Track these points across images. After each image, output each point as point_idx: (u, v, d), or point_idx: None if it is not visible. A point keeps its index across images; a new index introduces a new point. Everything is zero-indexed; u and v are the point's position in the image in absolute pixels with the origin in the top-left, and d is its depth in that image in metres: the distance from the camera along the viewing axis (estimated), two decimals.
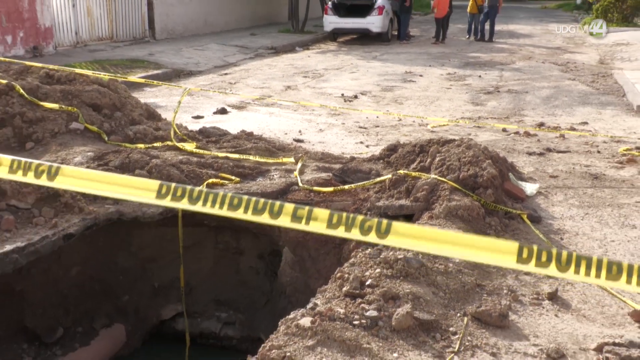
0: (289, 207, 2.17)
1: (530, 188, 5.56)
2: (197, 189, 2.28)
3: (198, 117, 9.18)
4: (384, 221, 2.05)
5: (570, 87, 12.11)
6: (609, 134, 7.88)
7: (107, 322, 5.57)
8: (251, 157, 6.17)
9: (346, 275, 3.62)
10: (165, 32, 19.88)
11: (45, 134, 6.21)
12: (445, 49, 19.43)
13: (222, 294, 6.00)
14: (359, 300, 3.36)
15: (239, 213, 2.21)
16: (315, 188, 5.35)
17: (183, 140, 6.62)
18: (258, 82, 12.96)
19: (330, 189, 5.32)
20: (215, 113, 9.55)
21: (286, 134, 8.17)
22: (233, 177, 5.58)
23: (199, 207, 2.26)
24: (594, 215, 5.06)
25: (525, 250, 1.92)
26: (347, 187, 5.33)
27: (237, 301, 5.97)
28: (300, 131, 8.38)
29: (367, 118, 9.25)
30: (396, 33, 22.27)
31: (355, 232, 2.09)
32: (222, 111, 9.64)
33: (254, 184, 5.50)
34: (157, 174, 5.37)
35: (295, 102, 10.11)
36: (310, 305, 3.37)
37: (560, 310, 3.54)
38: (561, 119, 9.27)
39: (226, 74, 14.26)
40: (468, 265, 3.85)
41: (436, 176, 4.92)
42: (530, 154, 6.97)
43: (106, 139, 6.45)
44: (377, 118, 9.25)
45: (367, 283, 3.52)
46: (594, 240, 4.56)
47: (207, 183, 5.36)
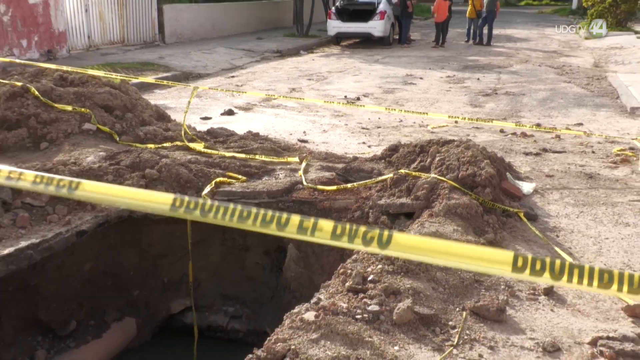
0: (295, 219, 2.17)
1: (527, 187, 5.55)
2: (209, 202, 2.30)
3: (206, 118, 9.19)
4: (385, 232, 2.06)
5: (566, 90, 12.08)
6: (603, 134, 7.86)
7: (119, 316, 5.59)
8: (257, 157, 6.18)
9: (349, 271, 3.62)
10: (175, 36, 19.90)
11: (59, 134, 6.23)
12: (445, 52, 19.40)
13: (229, 288, 6.00)
14: (361, 295, 3.36)
15: (248, 225, 2.22)
16: (319, 187, 5.35)
17: (192, 141, 6.63)
18: (264, 85, 12.96)
19: (334, 188, 5.32)
20: (222, 114, 9.56)
21: (291, 134, 8.17)
22: (240, 176, 5.58)
23: (210, 218, 2.27)
24: (588, 213, 5.05)
25: (520, 260, 1.93)
26: (349, 185, 5.33)
27: (243, 296, 5.98)
28: (304, 132, 8.38)
29: (369, 119, 9.25)
30: (397, 37, 22.24)
31: (357, 243, 2.10)
32: (229, 112, 9.65)
33: (260, 183, 5.49)
34: (166, 173, 5.37)
35: (300, 98, 10.11)
36: (314, 299, 3.37)
37: (556, 305, 3.53)
38: (557, 120, 9.25)
39: (233, 77, 14.27)
40: None
41: (436, 175, 4.92)
42: (527, 154, 6.96)
43: (117, 139, 6.46)
44: (379, 119, 9.24)
45: (369, 278, 3.52)
46: (588, 237, 4.55)
47: (215, 182, 5.35)
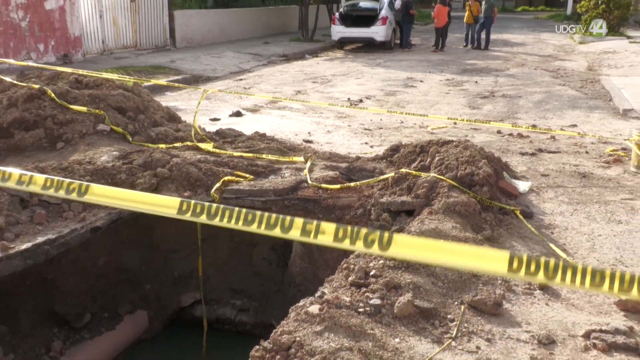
0: (298, 222, 2.17)
1: (523, 186, 5.54)
2: (215, 206, 2.30)
3: (215, 119, 9.19)
4: (386, 234, 2.06)
5: (561, 92, 12.04)
6: (596, 135, 7.84)
7: (131, 309, 5.60)
8: (264, 157, 6.18)
9: (352, 266, 3.62)
10: (185, 40, 19.91)
11: (75, 135, 6.24)
12: (444, 56, 19.37)
13: (237, 283, 6.01)
14: (364, 289, 3.36)
15: (253, 228, 2.22)
16: (324, 185, 5.35)
17: (201, 141, 6.63)
18: (271, 87, 12.96)
19: (337, 186, 5.31)
20: (230, 116, 9.56)
21: (296, 135, 8.17)
22: (247, 175, 5.58)
23: (216, 222, 2.28)
24: (582, 211, 5.04)
25: (515, 260, 1.93)
26: (352, 184, 5.32)
27: (250, 290, 5.98)
28: (309, 132, 8.38)
29: (371, 120, 9.24)
30: (398, 42, 22.22)
31: (359, 245, 2.10)
32: (237, 114, 9.65)
33: (266, 182, 5.50)
34: (177, 171, 5.38)
35: (306, 101, 10.11)
36: (318, 293, 3.37)
37: (551, 299, 3.53)
38: (552, 121, 9.22)
39: (241, 80, 14.27)
40: None
41: (436, 174, 4.91)
42: (523, 154, 6.94)
43: (130, 139, 6.47)
44: (381, 120, 9.23)
45: (371, 273, 3.52)
46: (582, 234, 4.54)
47: (224, 180, 5.36)
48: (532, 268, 1.90)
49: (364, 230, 2.10)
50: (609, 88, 12.10)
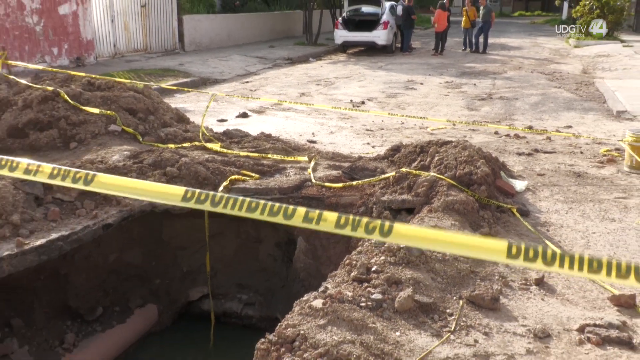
0: (301, 210, 2.15)
1: (519, 185, 5.53)
2: (219, 195, 2.28)
3: (222, 120, 9.20)
4: (387, 223, 2.04)
5: (556, 95, 12.01)
6: (591, 136, 7.82)
7: (141, 303, 5.61)
8: (269, 156, 6.18)
9: (354, 262, 3.62)
10: (194, 44, 19.93)
11: (87, 135, 6.25)
12: (444, 59, 19.34)
13: (244, 278, 6.01)
14: (366, 284, 3.36)
15: (256, 215, 2.20)
16: (327, 184, 5.35)
17: (209, 141, 6.64)
18: (276, 89, 12.96)
19: (340, 185, 5.32)
20: (237, 117, 9.56)
21: (301, 135, 8.17)
22: (253, 174, 5.58)
23: (220, 209, 2.25)
24: (577, 209, 5.03)
25: (514, 248, 1.91)
26: (355, 183, 5.32)
27: (256, 284, 5.99)
28: (313, 133, 8.38)
29: (373, 122, 9.23)
30: (399, 45, 22.19)
31: (360, 232, 2.08)
32: (244, 115, 9.66)
33: (272, 180, 5.50)
34: (185, 171, 5.39)
35: (310, 104, 10.11)
36: (321, 288, 3.37)
37: (547, 294, 3.52)
38: (548, 122, 9.20)
39: (247, 82, 14.28)
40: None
41: (435, 174, 4.91)
42: (519, 154, 6.93)
43: (141, 139, 6.48)
44: (382, 122, 9.22)
45: (373, 269, 3.52)
46: (577, 232, 4.54)
47: (230, 179, 5.36)
48: (531, 254, 1.89)
49: (365, 219, 2.08)
50: (603, 90, 12.07)
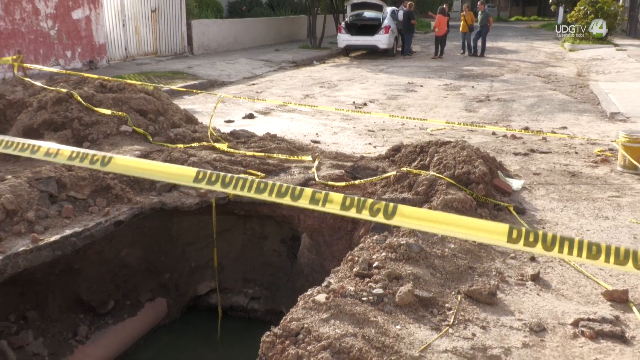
0: (307, 191, 2.14)
1: (516, 184, 5.52)
2: (229, 176, 2.27)
3: (229, 121, 9.20)
4: (391, 205, 2.03)
5: (552, 97, 11.98)
6: (585, 137, 7.80)
7: (151, 297, 5.62)
8: (275, 156, 6.18)
9: (356, 258, 3.62)
10: (202, 48, 19.94)
11: (99, 135, 6.26)
12: (443, 63, 19.31)
13: (249, 273, 6.02)
14: (367, 279, 3.36)
15: (264, 196, 2.18)
16: (330, 182, 5.35)
17: (217, 141, 6.64)
18: (281, 91, 12.96)
19: (343, 184, 5.31)
20: (244, 118, 9.56)
21: (305, 136, 8.17)
22: (259, 173, 5.59)
23: (230, 190, 2.25)
24: (571, 207, 5.02)
25: (514, 232, 1.90)
26: (357, 182, 5.32)
27: (262, 279, 5.99)
28: (317, 134, 8.37)
29: (374, 123, 9.23)
30: (400, 49, 22.17)
31: (365, 213, 2.06)
32: (250, 116, 9.66)
33: (277, 179, 5.50)
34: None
35: (314, 105, 10.10)
36: (325, 283, 3.38)
37: (542, 290, 3.51)
38: (543, 124, 9.18)
39: (253, 84, 14.27)
40: (462, 250, 3.84)
41: (434, 173, 4.90)
42: (516, 154, 6.92)
43: (151, 139, 6.49)
44: (384, 123, 9.21)
45: (374, 265, 3.51)
46: (571, 229, 4.52)
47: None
48: (531, 239, 1.88)
49: (370, 201, 2.07)
50: (597, 93, 12.03)
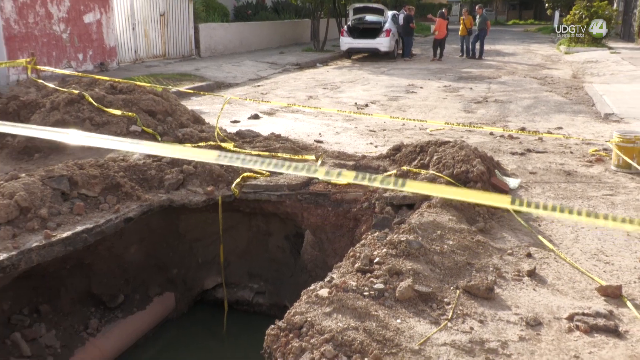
0: (322, 169, 2.24)
1: (513, 182, 5.51)
2: (249, 157, 2.34)
3: (235, 121, 9.20)
4: (400, 180, 2.07)
5: (548, 98, 11.95)
6: (580, 137, 7.77)
7: (160, 291, 5.63)
8: (279, 155, 6.18)
9: (358, 254, 3.62)
10: (209, 50, 19.94)
11: (110, 135, 6.27)
12: (442, 65, 19.27)
13: (255, 268, 6.02)
14: (369, 275, 3.35)
15: (283, 169, 2.31)
16: (333, 181, 5.34)
17: (223, 141, 6.65)
18: (285, 93, 12.95)
19: (345, 182, 5.31)
20: (249, 118, 9.55)
21: (308, 135, 8.16)
22: (264, 172, 5.58)
23: (250, 165, 2.37)
24: (567, 205, 5.00)
25: (517, 201, 1.93)
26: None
27: (266, 274, 6.00)
28: (320, 134, 8.36)
29: (376, 123, 9.21)
30: (401, 52, 22.15)
31: (376, 182, 2.14)
32: (255, 117, 9.65)
33: (281, 177, 5.50)
34: (201, 168, 5.39)
35: (317, 107, 10.10)
36: (327, 278, 3.37)
37: (538, 285, 3.51)
38: (539, 124, 9.15)
39: (259, 86, 14.27)
40: (460, 247, 3.83)
41: (434, 172, 4.89)
42: (513, 153, 6.90)
43: (159, 139, 6.50)
44: (384, 123, 9.20)
45: (375, 261, 3.51)
46: (566, 226, 4.51)
47: (243, 176, 5.37)
48: (532, 206, 1.92)
49: (380, 176, 2.15)
50: (591, 94, 12.00)
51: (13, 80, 11.39)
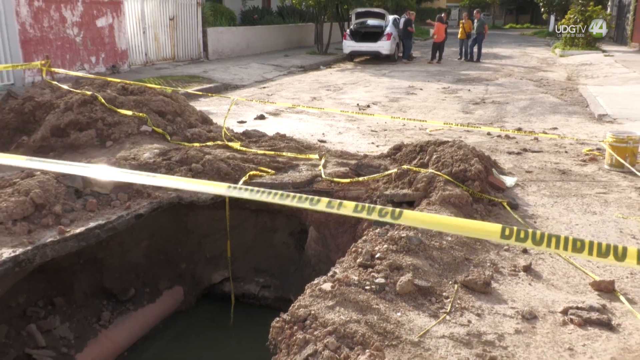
0: (324, 200, 2.22)
1: (509, 181, 5.50)
2: (257, 189, 2.35)
3: (242, 122, 9.20)
4: (397, 210, 2.07)
5: (543, 99, 11.92)
6: (574, 137, 7.75)
7: (169, 285, 5.63)
8: (284, 154, 6.18)
9: (359, 250, 3.62)
10: (216, 53, 19.94)
11: (121, 135, 6.28)
12: (441, 67, 19.22)
13: (260, 263, 6.02)
14: (370, 269, 3.35)
15: (287, 202, 2.29)
16: (336, 179, 5.34)
17: (230, 140, 6.65)
18: (290, 94, 12.95)
19: (347, 180, 5.31)
20: (255, 119, 9.56)
21: (312, 135, 8.16)
22: (269, 170, 5.59)
23: (257, 197, 2.34)
24: (561, 203, 4.99)
25: (507, 230, 1.93)
26: (361, 179, 5.31)
27: (272, 269, 6.00)
28: (323, 134, 8.36)
29: (377, 123, 9.20)
30: (401, 55, 22.12)
31: (374, 215, 2.13)
32: (261, 117, 9.65)
33: (286, 176, 5.50)
34: (209, 167, 5.40)
35: (321, 108, 10.09)
36: (330, 273, 3.37)
37: (533, 280, 3.50)
38: (535, 125, 9.13)
39: (265, 87, 14.27)
40: (458, 243, 3.82)
41: (433, 171, 4.89)
42: (509, 153, 6.89)
43: (169, 139, 6.50)
44: (386, 123, 9.19)
45: (377, 256, 3.51)
46: (561, 223, 4.50)
47: (249, 174, 5.37)
48: (522, 235, 1.92)
49: (378, 207, 2.12)
50: (585, 96, 11.96)
51: (28, 82, 11.42)
